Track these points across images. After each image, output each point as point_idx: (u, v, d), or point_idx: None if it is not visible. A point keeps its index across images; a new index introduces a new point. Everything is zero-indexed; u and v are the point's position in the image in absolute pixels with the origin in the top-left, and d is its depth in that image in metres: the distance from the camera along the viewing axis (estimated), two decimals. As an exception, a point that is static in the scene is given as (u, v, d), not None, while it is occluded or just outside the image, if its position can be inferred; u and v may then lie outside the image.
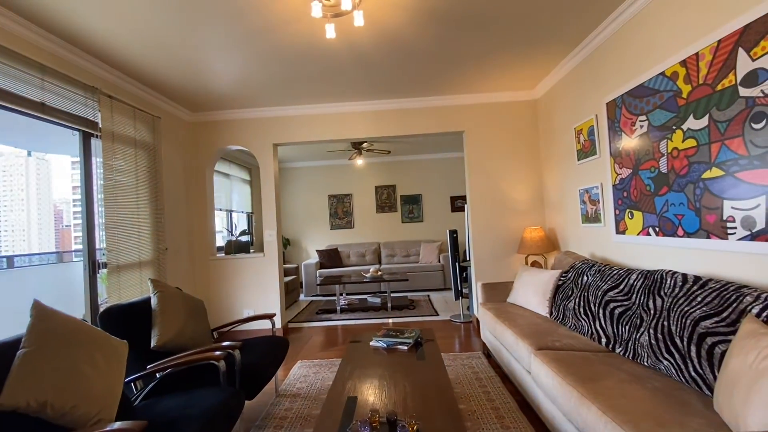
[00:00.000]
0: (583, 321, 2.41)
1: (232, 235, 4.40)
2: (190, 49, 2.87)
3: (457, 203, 7.59)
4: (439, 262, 6.66)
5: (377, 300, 5.42)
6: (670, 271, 2.00)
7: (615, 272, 2.40)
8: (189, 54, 2.94)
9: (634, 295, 2.12)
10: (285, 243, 7.35)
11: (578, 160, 3.40)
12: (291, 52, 3.01)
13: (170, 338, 2.18)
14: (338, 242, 7.63)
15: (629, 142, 2.68)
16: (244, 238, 4.45)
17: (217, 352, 1.99)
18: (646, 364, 1.85)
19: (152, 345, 2.13)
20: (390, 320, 4.68)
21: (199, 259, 4.32)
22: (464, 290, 4.99)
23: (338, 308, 5.17)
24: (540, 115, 4.18)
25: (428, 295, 6.08)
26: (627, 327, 2.07)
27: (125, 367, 1.79)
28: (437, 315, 4.79)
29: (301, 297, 6.50)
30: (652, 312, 1.93)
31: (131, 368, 2.06)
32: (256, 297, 4.30)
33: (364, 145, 5.90)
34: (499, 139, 4.25)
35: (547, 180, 4.11)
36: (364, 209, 7.67)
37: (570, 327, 2.52)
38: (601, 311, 2.29)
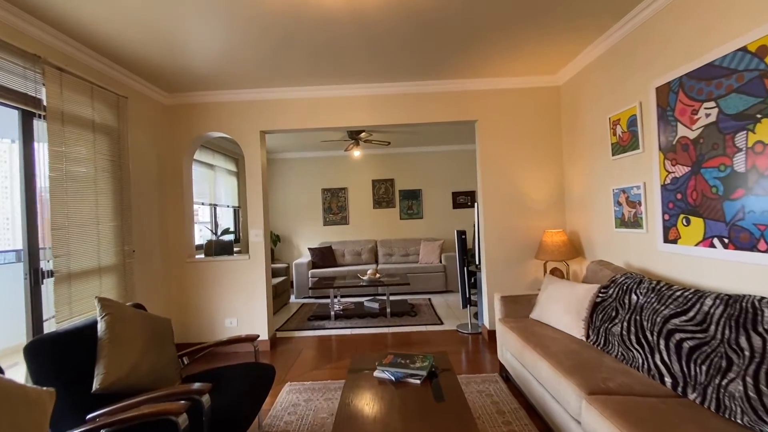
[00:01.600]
0: (635, 352, 1.98)
1: (214, 234, 3.88)
2: (163, 16, 2.33)
3: (460, 199, 7.14)
4: (441, 262, 6.22)
5: (375, 305, 4.96)
6: (765, 298, 1.57)
7: (677, 293, 1.96)
8: (162, 22, 2.40)
9: (713, 327, 1.69)
10: (275, 240, 6.85)
11: (613, 155, 2.95)
12: (283, 17, 2.49)
13: (119, 377, 1.69)
14: (332, 239, 7.15)
15: (688, 134, 2.23)
16: (228, 237, 3.94)
17: (180, 401, 1.51)
18: (739, 421, 1.42)
19: (93, 388, 1.64)
20: (389, 330, 4.24)
21: (175, 262, 3.80)
22: (472, 297, 4.55)
23: (332, 314, 4.71)
24: (564, 103, 3.72)
25: (429, 299, 5.64)
26: (704, 368, 1.64)
27: (48, 427, 1.31)
28: (441, 324, 4.36)
29: (292, 299, 6.01)
30: (746, 354, 1.50)
31: (66, 421, 1.57)
32: (239, 305, 3.80)
33: (362, 134, 5.40)
34: (516, 129, 3.78)
35: (570, 177, 3.66)
36: (360, 204, 7.18)
37: (617, 357, 2.08)
38: (662, 342, 1.86)
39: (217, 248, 3.77)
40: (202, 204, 5.26)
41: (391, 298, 5.80)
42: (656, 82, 2.46)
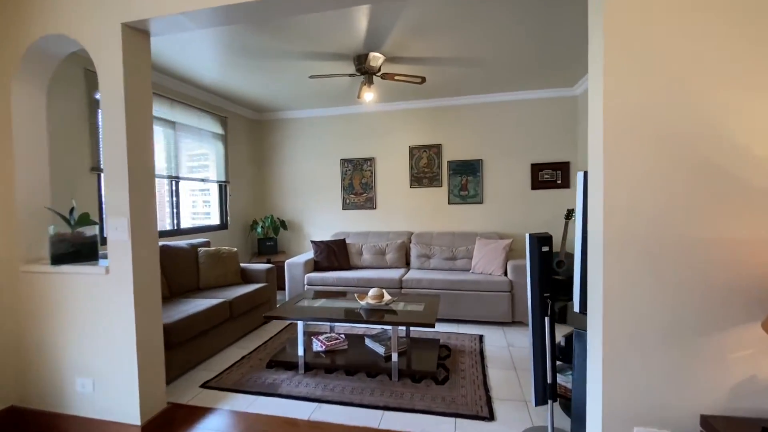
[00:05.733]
0: None
1: (68, 222, 2.17)
2: None
3: (545, 175, 4.63)
4: (506, 275, 3.90)
5: (380, 348, 2.93)
6: None
7: None
8: None
9: None
10: (277, 227, 5.14)
11: None
12: None
13: None
14: (354, 228, 5.21)
15: None
16: (91, 231, 2.22)
17: None
18: None
19: None
20: (386, 419, 2.18)
21: (6, 271, 2.19)
22: (562, 380, 2.19)
23: (300, 362, 2.79)
24: None
25: (480, 339, 3.41)
26: None
27: None
28: (491, 419, 2.16)
29: (280, 314, 4.24)
30: None
31: None
32: (97, 355, 2.07)
33: (370, 60, 3.23)
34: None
35: None
36: (391, 181, 5.09)
37: None
38: None
39: (67, 249, 2.09)
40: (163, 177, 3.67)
41: (415, 331, 3.69)
42: None
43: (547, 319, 1.83)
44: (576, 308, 1.77)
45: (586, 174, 1.68)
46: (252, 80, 4.00)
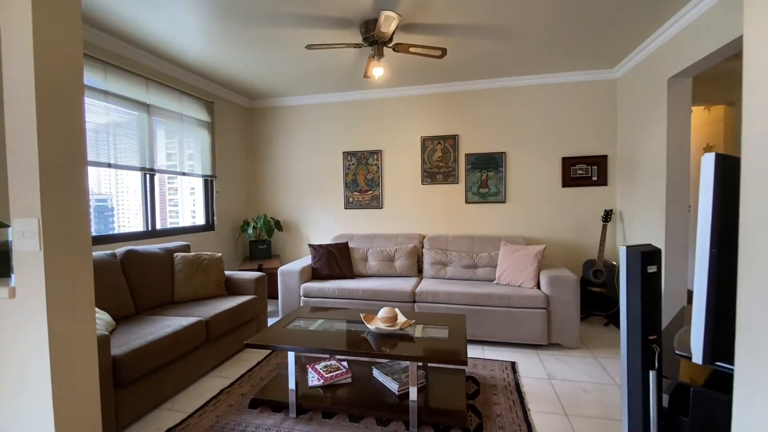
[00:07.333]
0: None
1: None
2: None
3: (578, 171, 4.03)
4: (538, 287, 3.29)
5: (393, 384, 2.33)
6: None
7: None
8: None
9: None
10: (271, 228, 4.55)
11: None
12: None
13: None
14: (357, 230, 4.62)
15: None
16: (6, 237, 1.67)
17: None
18: None
19: None
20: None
21: None
22: None
23: (292, 403, 2.19)
24: None
25: (513, 365, 2.81)
26: None
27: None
28: (551, 498, 1.56)
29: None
30: None
31: None
32: (5, 403, 1.49)
33: (381, 23, 2.62)
34: None
35: None
36: (401, 177, 4.50)
37: None
38: None
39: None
40: (109, 166, 3.09)
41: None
42: None
43: (652, 375, 1.23)
44: (697, 358, 1.18)
45: (724, 160, 1.08)
46: (242, 55, 3.41)
